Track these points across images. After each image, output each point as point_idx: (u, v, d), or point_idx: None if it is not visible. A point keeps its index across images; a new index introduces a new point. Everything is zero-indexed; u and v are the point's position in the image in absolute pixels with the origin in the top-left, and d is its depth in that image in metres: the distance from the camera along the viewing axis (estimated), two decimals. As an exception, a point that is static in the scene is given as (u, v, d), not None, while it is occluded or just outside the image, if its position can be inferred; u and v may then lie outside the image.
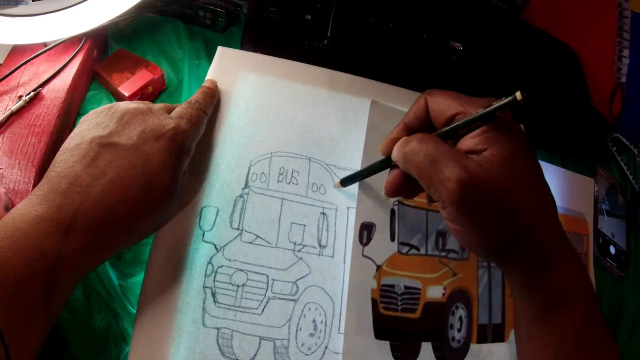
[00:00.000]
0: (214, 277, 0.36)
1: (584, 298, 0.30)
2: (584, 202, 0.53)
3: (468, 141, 0.29)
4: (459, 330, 0.40)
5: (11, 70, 0.40)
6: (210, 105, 0.39)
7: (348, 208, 0.41)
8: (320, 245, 0.39)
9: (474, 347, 0.40)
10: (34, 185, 0.35)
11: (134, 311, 0.34)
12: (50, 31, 0.38)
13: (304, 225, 0.39)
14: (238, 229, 0.37)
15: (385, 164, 0.35)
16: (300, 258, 0.38)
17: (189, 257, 0.36)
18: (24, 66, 0.41)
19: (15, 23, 0.37)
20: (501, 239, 0.29)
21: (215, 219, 0.37)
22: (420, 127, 0.33)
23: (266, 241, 0.38)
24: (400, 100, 0.46)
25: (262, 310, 0.36)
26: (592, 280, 0.49)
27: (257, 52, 0.45)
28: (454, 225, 0.30)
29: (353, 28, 0.52)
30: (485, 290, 0.43)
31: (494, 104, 0.28)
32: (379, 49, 0.52)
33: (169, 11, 0.48)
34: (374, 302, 0.38)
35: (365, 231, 0.40)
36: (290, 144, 0.41)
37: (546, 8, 0.66)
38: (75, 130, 0.32)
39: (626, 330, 0.50)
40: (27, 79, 0.41)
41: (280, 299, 0.36)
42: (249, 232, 0.38)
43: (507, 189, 0.28)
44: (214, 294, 0.35)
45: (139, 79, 0.42)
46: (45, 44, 0.41)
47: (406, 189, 0.33)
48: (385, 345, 0.37)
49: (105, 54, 0.46)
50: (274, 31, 0.49)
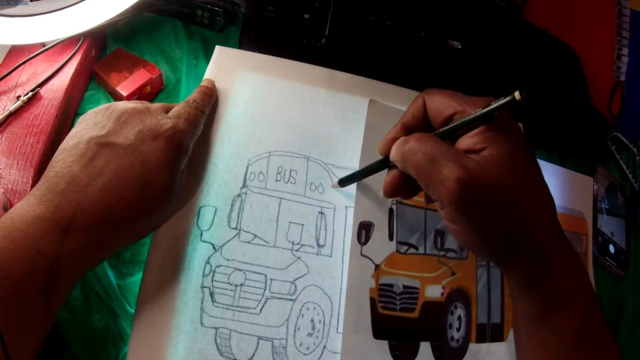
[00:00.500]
0: (212, 277, 0.36)
1: (583, 298, 0.30)
2: (584, 201, 0.53)
3: (466, 140, 0.29)
4: (458, 330, 0.40)
5: (9, 70, 0.40)
6: (208, 104, 0.39)
7: (346, 207, 0.41)
8: (318, 245, 0.39)
9: (472, 347, 0.40)
10: (32, 185, 0.35)
11: (133, 311, 0.34)
12: (48, 31, 0.38)
13: (302, 224, 0.39)
14: (236, 228, 0.37)
15: (384, 164, 0.34)
16: (299, 257, 0.38)
17: (187, 257, 0.36)
18: (22, 66, 0.41)
19: (13, 23, 0.37)
20: (500, 238, 0.29)
21: (213, 218, 0.37)
22: (418, 127, 0.33)
23: (264, 241, 0.38)
24: (398, 99, 0.46)
25: (260, 309, 0.36)
26: (592, 280, 0.49)
27: (255, 52, 0.45)
28: (452, 225, 0.29)
29: (351, 27, 0.52)
30: (484, 289, 0.43)
31: (493, 103, 0.28)
32: (377, 47, 0.52)
33: (167, 11, 0.48)
34: (373, 302, 0.38)
35: (364, 230, 0.40)
36: (289, 143, 0.41)
37: (545, 7, 0.66)
38: (73, 130, 0.33)
39: (626, 330, 0.50)
40: (26, 79, 0.41)
41: (278, 298, 0.36)
42: (247, 232, 0.38)
43: (507, 188, 0.28)
44: (212, 294, 0.35)
45: (137, 78, 0.42)
46: (43, 44, 0.41)
47: (405, 189, 0.33)
48: (383, 344, 0.37)
49: (103, 54, 0.46)
50: (272, 30, 0.49)
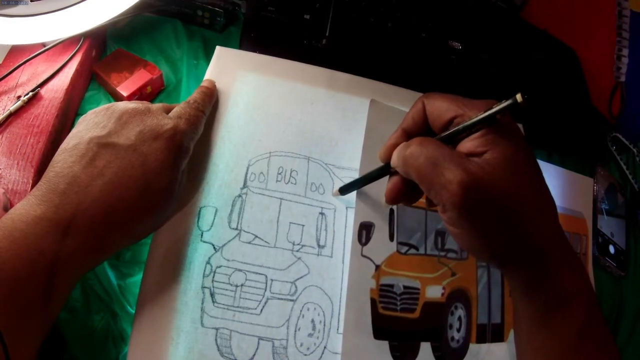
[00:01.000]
0: (213, 277, 0.35)
1: (584, 299, 0.30)
2: (584, 202, 0.53)
3: (468, 143, 0.29)
4: (458, 330, 0.40)
5: (10, 70, 0.40)
6: (209, 105, 0.39)
7: (347, 208, 0.41)
8: (319, 245, 0.39)
9: (473, 347, 0.40)
10: (33, 186, 0.35)
11: (133, 311, 0.34)
12: (49, 31, 0.38)
13: (303, 225, 0.39)
14: (236, 229, 0.37)
15: (385, 170, 0.34)
16: (299, 258, 0.38)
17: (188, 257, 0.36)
18: (22, 66, 0.41)
19: (14, 23, 0.37)
20: (502, 241, 0.29)
21: (213, 219, 0.37)
22: (418, 132, 0.33)
23: (265, 241, 0.38)
24: (399, 100, 0.46)
25: (261, 310, 0.36)
26: (592, 280, 0.49)
27: (256, 52, 0.45)
28: (454, 229, 0.29)
29: (352, 27, 0.52)
30: (485, 290, 0.43)
31: (495, 107, 0.27)
32: (378, 48, 0.52)
33: (167, 11, 0.48)
34: (373, 302, 0.38)
35: (364, 231, 0.40)
36: (289, 144, 0.41)
37: (545, 7, 0.66)
38: (73, 131, 0.32)
39: (626, 330, 0.50)
40: (26, 79, 0.41)
41: (278, 299, 0.36)
42: (248, 232, 0.38)
43: (509, 191, 0.28)
44: (212, 294, 0.35)
45: (137, 78, 0.42)
46: (44, 44, 0.41)
47: (406, 194, 0.33)
48: (384, 345, 0.37)
49: (103, 54, 0.46)
50: (272, 31, 0.49)
